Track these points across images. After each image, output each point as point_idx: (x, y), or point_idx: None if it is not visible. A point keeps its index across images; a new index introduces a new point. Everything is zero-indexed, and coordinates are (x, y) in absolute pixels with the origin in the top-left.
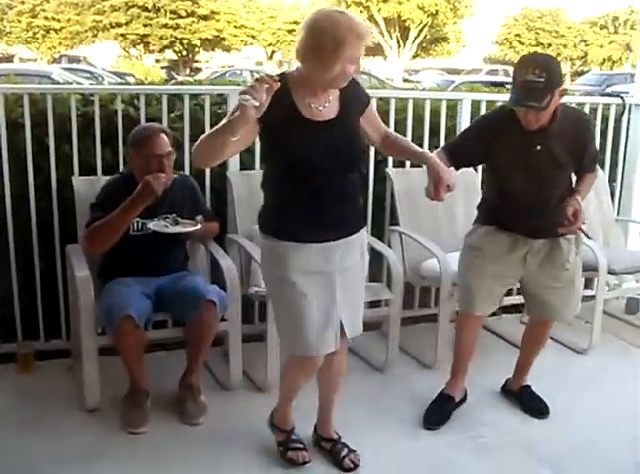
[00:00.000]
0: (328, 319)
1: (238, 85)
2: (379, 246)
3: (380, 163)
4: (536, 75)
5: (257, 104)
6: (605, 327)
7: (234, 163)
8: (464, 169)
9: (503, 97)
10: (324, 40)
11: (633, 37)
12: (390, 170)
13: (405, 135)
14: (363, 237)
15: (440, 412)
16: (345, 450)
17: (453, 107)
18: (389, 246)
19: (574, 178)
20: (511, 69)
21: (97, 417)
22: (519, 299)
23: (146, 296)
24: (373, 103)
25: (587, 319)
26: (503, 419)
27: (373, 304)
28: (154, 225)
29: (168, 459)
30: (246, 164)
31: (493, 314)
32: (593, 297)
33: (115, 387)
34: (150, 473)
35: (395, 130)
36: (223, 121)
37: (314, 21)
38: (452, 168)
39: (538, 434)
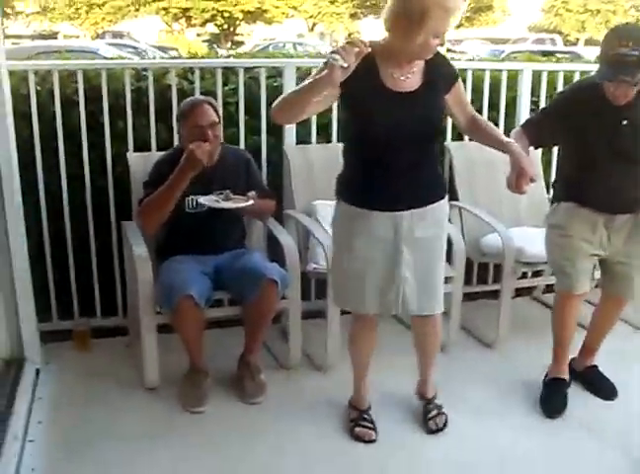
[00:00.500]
0: (390, 284)
1: (292, 57)
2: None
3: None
4: (630, 48)
5: (345, 65)
6: None
7: (290, 136)
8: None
9: (565, 67)
10: (410, 9)
11: None
12: (449, 144)
13: None
14: (441, 209)
15: (557, 398)
16: (434, 411)
17: (513, 78)
18: (449, 221)
19: None
20: (557, 37)
21: (156, 395)
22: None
23: (205, 275)
24: (461, 83)
25: None
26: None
27: None
28: (205, 200)
29: (228, 439)
30: (302, 137)
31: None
32: None
33: (173, 365)
34: (211, 452)
35: None
36: (309, 79)
37: None
38: (532, 151)
39: (606, 416)
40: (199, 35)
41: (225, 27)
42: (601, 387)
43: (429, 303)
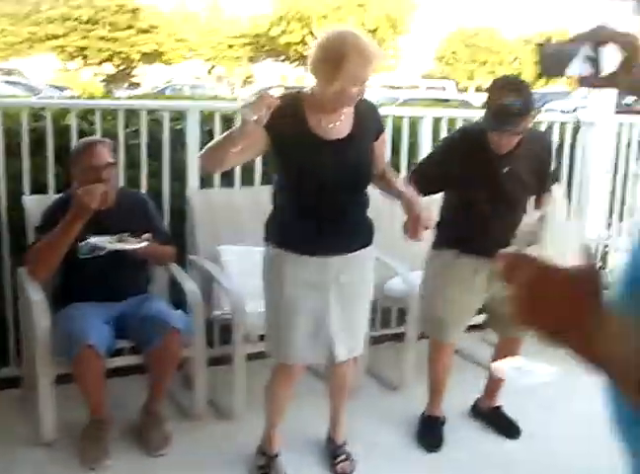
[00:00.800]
0: (317, 332)
1: (196, 101)
2: None
3: None
4: (513, 99)
5: (255, 118)
6: None
7: (193, 181)
8: None
9: (462, 113)
10: (328, 53)
11: None
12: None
13: None
14: (368, 256)
15: (433, 434)
16: (343, 456)
17: (413, 124)
18: None
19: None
20: (448, 84)
21: (53, 451)
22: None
23: (106, 323)
24: (385, 135)
25: None
26: (477, 439)
27: None
28: (97, 240)
29: None
30: (206, 182)
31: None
32: None
33: (72, 418)
34: None
35: None
36: (228, 131)
37: (325, 35)
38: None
39: (513, 454)
40: (96, 74)
41: (122, 67)
42: (505, 428)
43: (352, 348)
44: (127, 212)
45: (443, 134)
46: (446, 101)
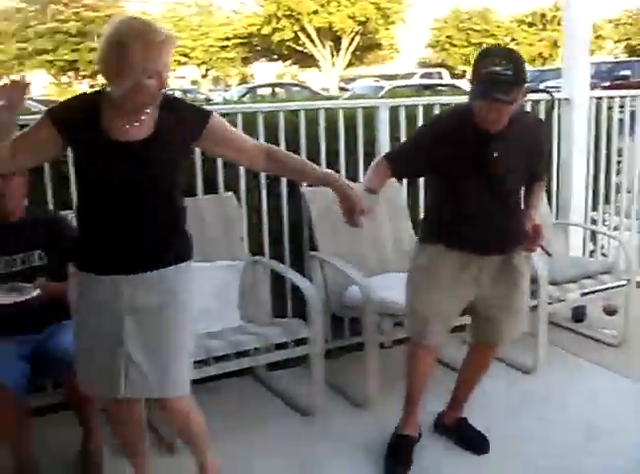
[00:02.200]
0: (112, 362)
1: None
2: (294, 276)
3: (294, 182)
4: (503, 67)
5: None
6: (551, 339)
7: None
8: (389, 183)
9: (424, 100)
10: (110, 49)
11: (561, 33)
12: (305, 189)
13: (319, 150)
14: (175, 277)
15: (402, 457)
16: None
17: (371, 115)
18: (309, 275)
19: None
20: (444, 71)
21: None
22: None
23: (22, 358)
24: (219, 120)
25: (532, 332)
26: (445, 461)
27: (298, 341)
28: None
29: None
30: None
31: None
32: (536, 308)
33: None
34: None
35: (307, 145)
36: None
37: (107, 27)
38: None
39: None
40: (92, 86)
41: None
42: (472, 442)
43: (162, 386)
44: (37, 232)
45: (403, 125)
46: (431, 87)
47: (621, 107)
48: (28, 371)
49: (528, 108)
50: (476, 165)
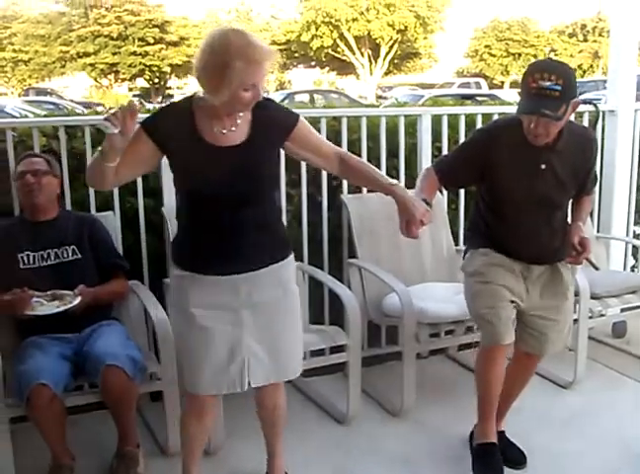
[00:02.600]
0: (232, 357)
1: None
2: (333, 284)
3: (335, 189)
4: (552, 82)
5: (116, 131)
6: (590, 354)
7: (169, 199)
8: None
9: (466, 110)
10: (210, 62)
11: (602, 44)
12: (345, 197)
13: (360, 157)
14: (284, 270)
15: (492, 464)
16: None
17: (413, 123)
18: (348, 282)
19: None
20: (482, 81)
21: None
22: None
23: (64, 358)
24: (305, 123)
25: (571, 346)
26: None
27: (335, 349)
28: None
29: None
30: None
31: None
32: (575, 322)
33: (34, 461)
34: None
35: (349, 151)
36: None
37: (208, 38)
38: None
39: None
40: (130, 89)
41: (155, 81)
42: (508, 456)
43: (277, 371)
44: (68, 227)
45: (445, 133)
46: (471, 97)
47: None
48: (69, 371)
49: (572, 119)
50: (523, 177)
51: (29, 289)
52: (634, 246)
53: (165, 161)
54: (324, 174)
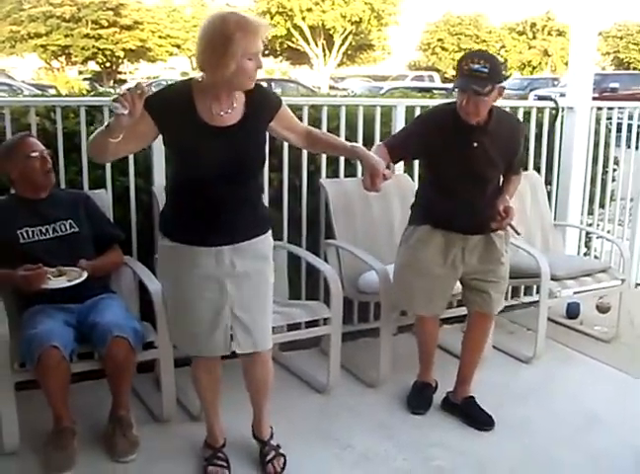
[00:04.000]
0: (217, 323)
1: None
2: (314, 261)
3: (313, 174)
4: (481, 65)
5: (126, 112)
6: (548, 333)
7: (159, 177)
8: (401, 177)
9: (437, 102)
10: (214, 38)
11: (551, 42)
12: (324, 180)
13: None
14: (264, 244)
15: (422, 397)
16: (272, 453)
17: (387, 113)
18: (325, 260)
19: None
20: (435, 74)
21: (17, 460)
22: (460, 311)
23: (69, 325)
24: (286, 108)
25: (528, 326)
26: (452, 438)
27: (311, 323)
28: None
29: None
30: None
31: None
32: (533, 303)
33: (37, 425)
34: None
35: None
36: (106, 123)
37: (205, 22)
38: (390, 163)
39: (490, 451)
40: (80, 72)
41: (107, 65)
42: (477, 418)
43: (256, 340)
44: (64, 203)
45: None
46: (429, 90)
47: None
48: (74, 337)
49: (533, 114)
50: (458, 153)
51: (31, 264)
52: (586, 234)
53: (157, 141)
54: (304, 159)
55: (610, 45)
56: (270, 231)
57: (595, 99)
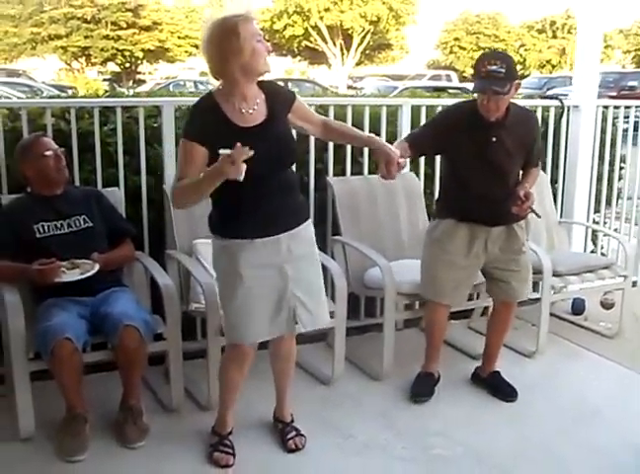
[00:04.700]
0: (281, 305)
1: (174, 96)
2: (321, 257)
3: (321, 172)
4: (498, 66)
5: (240, 177)
6: (552, 329)
7: (170, 177)
8: (406, 175)
9: (443, 101)
10: (222, 36)
11: (570, 41)
12: (330, 178)
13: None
14: (310, 228)
15: (424, 386)
16: (293, 432)
17: (394, 113)
18: (332, 257)
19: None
20: (453, 73)
21: (32, 446)
22: (466, 304)
23: (82, 317)
24: (299, 98)
25: (533, 322)
26: (452, 428)
27: None
28: (64, 279)
29: None
30: None
31: None
32: (538, 300)
33: (52, 413)
34: None
35: None
36: (200, 179)
37: (207, 34)
38: (410, 156)
39: (489, 442)
40: (100, 73)
41: (127, 65)
42: (502, 390)
43: (316, 317)
44: (78, 199)
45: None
46: (443, 89)
47: (626, 117)
48: (87, 329)
49: (539, 113)
50: (478, 148)
51: (46, 258)
52: (593, 233)
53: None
54: (311, 157)
55: (631, 43)
56: (310, 217)
57: (612, 97)
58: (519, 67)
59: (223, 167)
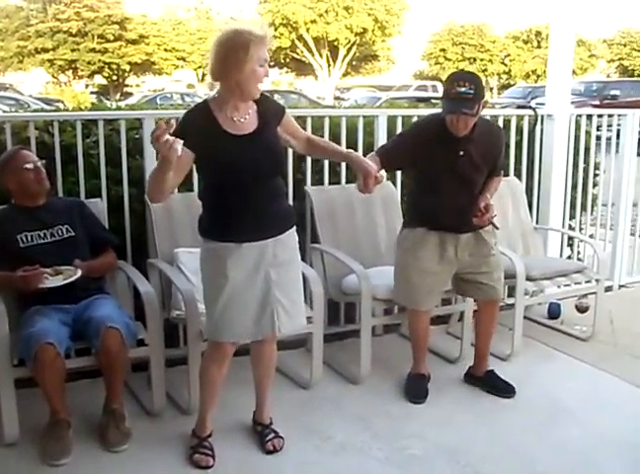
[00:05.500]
0: (264, 307)
1: (155, 109)
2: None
3: (299, 181)
4: (467, 87)
5: (174, 153)
6: (528, 333)
7: None
8: (383, 184)
9: (418, 112)
10: (232, 46)
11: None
12: (309, 188)
13: None
14: (294, 235)
15: (419, 387)
16: (272, 434)
17: (370, 123)
18: (310, 264)
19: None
20: (439, 84)
21: (16, 450)
22: (444, 310)
23: (64, 324)
24: (289, 114)
25: (510, 326)
26: (427, 430)
27: None
28: (47, 284)
29: None
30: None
31: None
32: (514, 305)
33: (36, 419)
34: None
35: None
36: (155, 167)
37: (220, 36)
38: (382, 170)
39: (461, 441)
40: (87, 86)
41: (114, 78)
42: (500, 388)
43: (295, 321)
44: (60, 209)
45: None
46: (426, 100)
47: (609, 125)
48: (69, 335)
49: (513, 122)
50: (447, 162)
51: (31, 266)
52: (569, 238)
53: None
54: (289, 167)
55: (614, 53)
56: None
57: (596, 106)
58: (504, 77)
59: (155, 147)
